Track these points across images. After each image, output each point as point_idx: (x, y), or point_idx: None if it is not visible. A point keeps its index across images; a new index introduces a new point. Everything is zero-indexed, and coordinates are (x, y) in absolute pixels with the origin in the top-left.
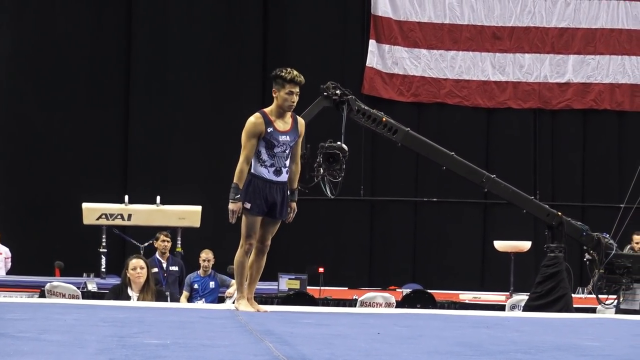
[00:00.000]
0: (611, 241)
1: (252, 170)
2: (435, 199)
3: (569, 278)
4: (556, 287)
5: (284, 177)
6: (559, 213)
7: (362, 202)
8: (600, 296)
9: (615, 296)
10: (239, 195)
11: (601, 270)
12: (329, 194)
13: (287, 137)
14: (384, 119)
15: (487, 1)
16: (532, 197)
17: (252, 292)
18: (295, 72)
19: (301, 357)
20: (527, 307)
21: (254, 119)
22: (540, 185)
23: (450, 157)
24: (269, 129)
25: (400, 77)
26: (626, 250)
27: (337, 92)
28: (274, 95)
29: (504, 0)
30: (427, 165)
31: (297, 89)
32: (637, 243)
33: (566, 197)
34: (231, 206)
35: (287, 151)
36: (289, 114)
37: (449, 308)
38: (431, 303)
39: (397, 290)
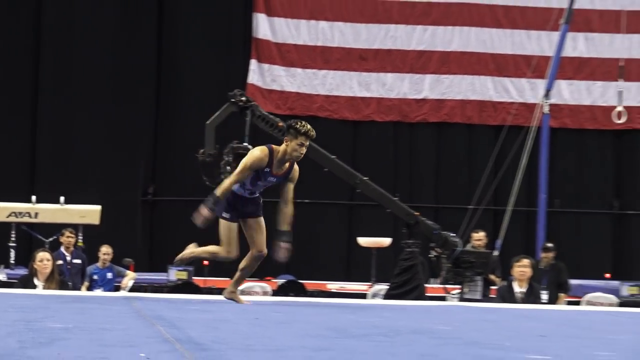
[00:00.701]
0: (457, 239)
1: None
2: (307, 201)
3: (423, 270)
4: (412, 279)
5: (255, 195)
6: (417, 213)
7: None
8: (447, 287)
9: (460, 287)
10: (213, 207)
11: (449, 265)
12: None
13: (275, 179)
14: (279, 124)
15: (355, 26)
16: (396, 199)
17: (237, 287)
18: (308, 127)
19: (188, 340)
20: (387, 296)
21: (261, 154)
22: (400, 188)
23: (332, 160)
24: (266, 169)
25: (278, 92)
26: (468, 247)
27: (243, 98)
28: (285, 142)
29: (369, 26)
30: (300, 170)
31: (307, 143)
32: (476, 240)
33: (422, 199)
34: (203, 210)
35: (268, 186)
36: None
37: (318, 296)
38: (302, 292)
39: (273, 280)
